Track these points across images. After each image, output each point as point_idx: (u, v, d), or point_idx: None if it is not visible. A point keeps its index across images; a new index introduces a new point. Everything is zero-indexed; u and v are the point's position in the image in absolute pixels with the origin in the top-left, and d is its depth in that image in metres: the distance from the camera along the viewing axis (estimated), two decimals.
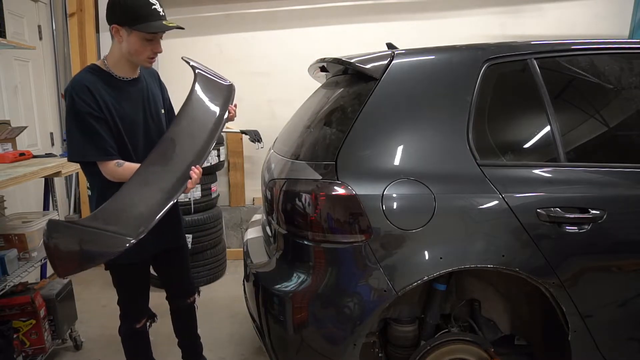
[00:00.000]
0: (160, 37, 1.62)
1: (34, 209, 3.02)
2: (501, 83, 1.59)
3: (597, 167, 1.52)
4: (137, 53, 1.58)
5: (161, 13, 1.55)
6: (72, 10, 3.63)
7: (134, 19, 1.51)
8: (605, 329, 1.51)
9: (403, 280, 1.42)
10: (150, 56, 1.61)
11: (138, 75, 1.72)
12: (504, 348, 1.77)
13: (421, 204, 1.42)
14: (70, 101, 1.55)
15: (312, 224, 1.46)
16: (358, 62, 1.60)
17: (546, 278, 1.43)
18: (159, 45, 1.61)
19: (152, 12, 1.52)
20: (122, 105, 1.63)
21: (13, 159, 2.26)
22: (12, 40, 2.66)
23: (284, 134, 2.00)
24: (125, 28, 1.54)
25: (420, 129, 1.53)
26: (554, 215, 1.42)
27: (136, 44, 1.56)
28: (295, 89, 2.98)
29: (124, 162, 1.62)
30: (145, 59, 1.62)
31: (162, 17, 1.55)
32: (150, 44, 1.58)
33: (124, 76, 1.66)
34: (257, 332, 1.74)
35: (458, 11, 3.69)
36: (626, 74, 1.62)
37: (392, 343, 1.70)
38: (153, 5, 1.53)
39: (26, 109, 3.24)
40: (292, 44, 3.77)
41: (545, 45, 1.61)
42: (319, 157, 1.54)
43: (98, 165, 1.61)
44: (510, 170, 1.50)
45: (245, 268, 1.90)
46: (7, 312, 2.16)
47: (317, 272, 1.48)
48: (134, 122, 1.67)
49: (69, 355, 2.48)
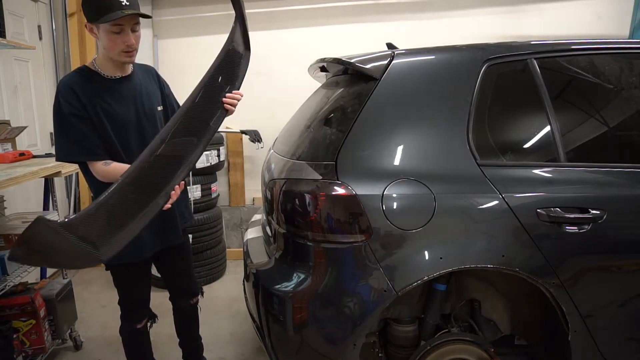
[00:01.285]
0: (135, 30, 1.56)
1: (34, 209, 3.02)
2: (501, 83, 1.59)
3: (597, 167, 1.52)
4: (110, 48, 1.55)
5: (124, 3, 1.48)
6: (72, 10, 3.63)
7: (98, 13, 1.49)
8: (605, 329, 1.51)
9: (403, 280, 1.42)
10: (124, 49, 1.55)
11: (129, 73, 1.70)
12: (504, 348, 1.78)
13: (421, 204, 1.42)
14: (56, 103, 1.57)
15: (312, 224, 1.46)
16: (358, 62, 1.60)
17: (546, 278, 1.43)
18: (129, 37, 1.54)
19: (113, 3, 1.47)
20: (110, 104, 1.62)
21: (13, 159, 2.26)
22: (12, 40, 2.66)
23: (284, 134, 2.00)
24: (95, 24, 1.53)
25: (420, 129, 1.53)
26: (554, 215, 1.42)
27: (105, 38, 1.53)
28: (295, 89, 2.98)
29: (112, 162, 1.61)
30: (120, 53, 1.56)
31: (124, 7, 1.48)
32: (119, 37, 1.53)
33: (112, 75, 1.65)
34: (257, 332, 1.74)
35: (458, 11, 3.69)
36: (626, 74, 1.62)
37: (392, 343, 1.70)
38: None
39: (26, 109, 3.24)
40: (292, 44, 3.77)
41: (545, 45, 1.61)
42: (319, 157, 1.54)
43: (88, 165, 1.62)
44: (510, 170, 1.50)
45: (245, 268, 1.90)
46: (7, 312, 2.16)
47: (317, 272, 1.48)
48: (124, 121, 1.65)
49: (69, 355, 2.48)
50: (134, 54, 1.60)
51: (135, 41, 1.57)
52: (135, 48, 1.58)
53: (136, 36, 1.58)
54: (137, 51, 1.61)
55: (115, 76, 1.66)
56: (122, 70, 1.67)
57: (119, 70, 1.66)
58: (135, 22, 1.55)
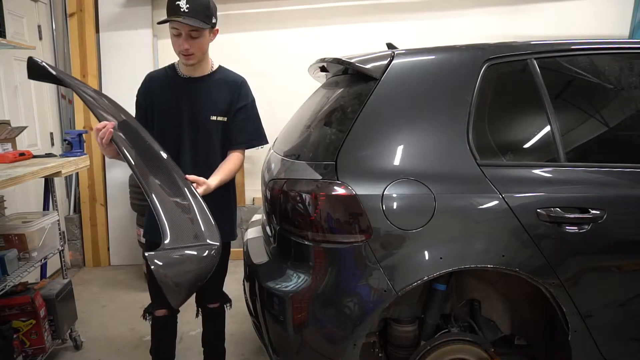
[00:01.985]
0: (194, 37, 1.63)
1: (34, 209, 3.02)
2: (501, 83, 1.59)
3: (597, 167, 1.52)
4: (173, 46, 1.68)
5: (182, 9, 1.56)
6: (72, 10, 3.64)
7: (166, 14, 1.61)
8: (605, 329, 1.51)
9: (403, 280, 1.42)
10: (179, 51, 1.66)
11: (203, 76, 1.78)
12: (504, 348, 1.77)
13: (421, 204, 1.42)
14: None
15: (312, 224, 1.46)
16: (358, 62, 1.60)
17: (546, 278, 1.43)
18: (184, 42, 1.63)
19: (174, 8, 1.58)
20: (164, 100, 1.77)
21: (13, 159, 2.26)
22: (12, 40, 2.67)
23: (284, 134, 2.00)
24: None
25: (420, 129, 1.53)
26: (554, 215, 1.42)
27: (171, 37, 1.67)
28: (295, 89, 2.98)
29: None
30: (178, 54, 1.69)
31: (182, 14, 1.56)
32: (177, 39, 1.64)
33: (184, 74, 1.78)
34: (257, 332, 1.74)
35: (458, 11, 3.69)
36: (626, 74, 1.62)
37: (392, 343, 1.70)
38: (178, 1, 1.57)
39: (26, 109, 3.24)
40: (292, 44, 3.77)
41: (545, 45, 1.61)
42: (319, 157, 1.54)
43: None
44: (510, 170, 1.50)
45: (245, 268, 1.90)
46: (7, 312, 2.16)
47: (317, 272, 1.48)
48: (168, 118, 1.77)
49: (69, 355, 2.48)
50: (192, 58, 1.68)
51: (192, 47, 1.64)
52: (192, 53, 1.66)
53: (194, 42, 1.64)
54: (196, 56, 1.68)
55: (185, 75, 1.78)
56: (192, 72, 1.76)
57: (191, 71, 1.76)
58: (192, 29, 1.60)
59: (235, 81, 1.83)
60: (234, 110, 1.80)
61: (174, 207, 1.49)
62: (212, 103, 1.77)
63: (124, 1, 3.66)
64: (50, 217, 2.40)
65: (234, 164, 1.79)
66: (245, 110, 1.83)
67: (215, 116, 1.77)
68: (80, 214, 3.79)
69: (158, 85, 1.78)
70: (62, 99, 3.75)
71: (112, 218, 3.81)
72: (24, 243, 2.17)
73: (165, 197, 1.49)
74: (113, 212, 3.80)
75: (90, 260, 3.83)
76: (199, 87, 1.77)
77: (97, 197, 3.77)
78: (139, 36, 3.71)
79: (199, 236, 1.44)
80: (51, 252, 2.39)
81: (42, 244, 2.31)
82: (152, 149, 1.65)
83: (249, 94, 1.85)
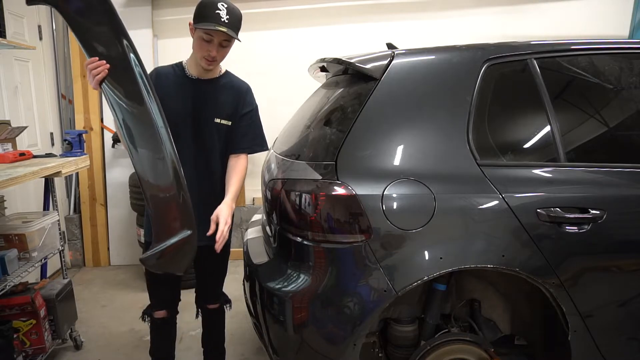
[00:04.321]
0: (224, 45, 1.67)
1: (34, 209, 3.02)
2: (501, 83, 1.59)
3: (597, 167, 1.52)
4: (196, 50, 1.70)
5: (223, 19, 1.59)
6: None
7: (199, 17, 1.62)
8: (605, 329, 1.51)
9: (403, 280, 1.42)
10: (205, 56, 1.67)
11: (211, 79, 1.80)
12: (504, 348, 1.78)
13: (421, 204, 1.42)
14: None
15: (312, 224, 1.46)
16: (358, 62, 1.60)
17: (546, 278, 1.43)
18: (214, 49, 1.65)
19: (214, 16, 1.59)
20: (172, 98, 1.74)
21: (13, 159, 2.26)
22: (12, 40, 2.66)
23: (284, 134, 2.00)
24: (194, 24, 1.64)
25: (420, 129, 1.53)
26: (554, 215, 1.42)
27: (197, 40, 1.68)
28: (295, 89, 2.98)
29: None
30: (202, 58, 1.69)
31: (221, 23, 1.59)
32: (206, 45, 1.65)
33: (195, 75, 1.78)
34: (257, 332, 1.74)
35: (458, 11, 3.69)
36: (626, 74, 1.62)
37: (392, 343, 1.70)
38: (219, 11, 1.59)
39: (26, 109, 3.24)
40: (292, 44, 3.77)
41: (545, 45, 1.61)
42: (319, 157, 1.54)
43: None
44: (510, 170, 1.50)
45: (245, 268, 1.90)
46: (7, 312, 2.16)
47: (317, 272, 1.48)
48: (176, 114, 1.75)
49: (69, 355, 2.48)
50: (214, 64, 1.72)
51: (218, 54, 1.68)
52: (216, 60, 1.70)
53: (222, 50, 1.69)
54: (217, 63, 1.73)
55: (193, 76, 1.79)
56: (203, 74, 1.78)
57: (201, 72, 1.77)
58: (225, 39, 1.64)
59: (241, 87, 1.86)
60: (239, 115, 1.84)
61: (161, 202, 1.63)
62: (218, 106, 1.80)
63: (124, 1, 3.65)
64: (50, 217, 2.40)
65: (241, 173, 1.83)
66: (249, 117, 1.86)
67: (219, 119, 1.80)
68: (80, 214, 3.79)
69: (165, 82, 1.78)
70: (62, 99, 3.75)
71: (112, 218, 3.81)
72: (24, 243, 2.17)
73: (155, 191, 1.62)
74: (113, 212, 3.80)
75: (90, 260, 3.84)
76: (206, 89, 1.79)
77: (97, 197, 3.77)
78: (139, 36, 3.67)
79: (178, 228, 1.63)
80: (51, 252, 2.40)
81: (42, 244, 2.31)
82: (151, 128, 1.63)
83: (254, 101, 1.89)
